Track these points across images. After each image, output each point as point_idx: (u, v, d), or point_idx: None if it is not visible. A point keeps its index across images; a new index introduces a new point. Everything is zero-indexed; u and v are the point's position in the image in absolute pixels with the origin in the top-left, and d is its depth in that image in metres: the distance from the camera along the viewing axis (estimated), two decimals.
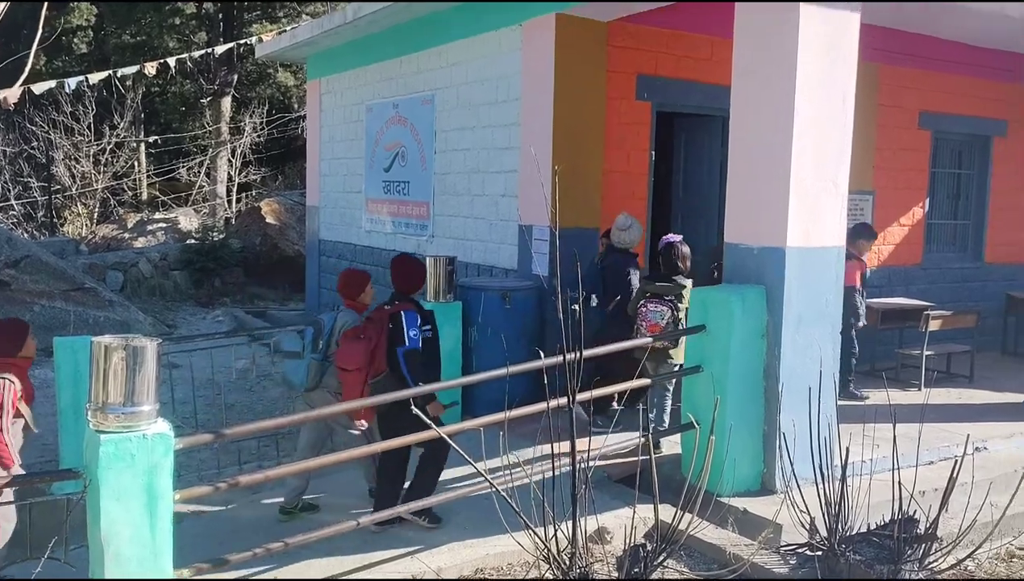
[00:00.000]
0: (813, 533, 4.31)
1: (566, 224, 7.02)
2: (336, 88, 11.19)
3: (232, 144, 21.54)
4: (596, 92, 7.22)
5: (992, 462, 5.86)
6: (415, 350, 4.71)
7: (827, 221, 5.23)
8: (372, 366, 4.79)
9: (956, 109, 9.57)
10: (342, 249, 11.12)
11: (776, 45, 5.11)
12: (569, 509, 3.78)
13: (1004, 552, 4.84)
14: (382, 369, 4.79)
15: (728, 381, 5.08)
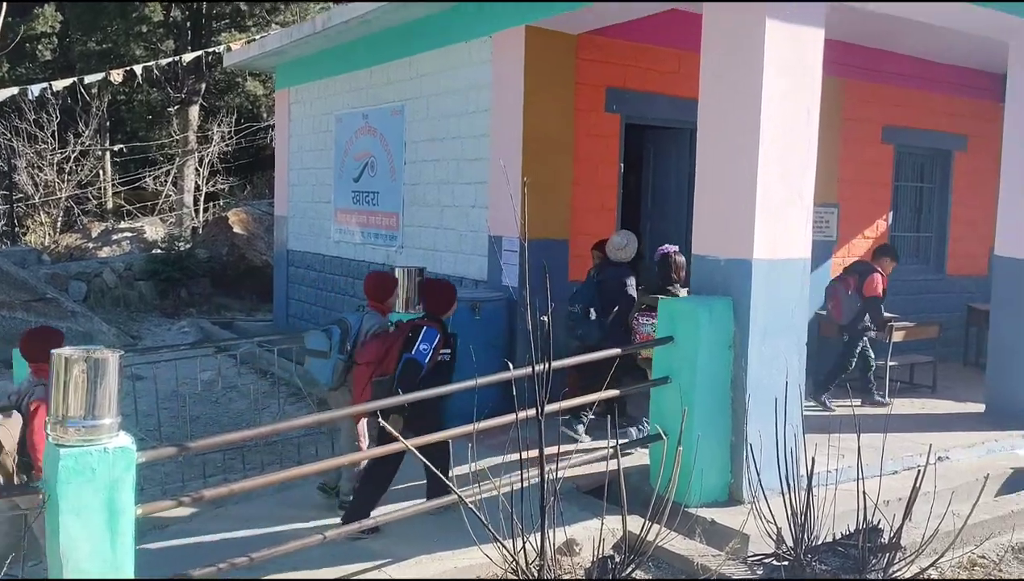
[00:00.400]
0: (780, 543, 4.34)
1: (535, 235, 7.03)
2: (305, 98, 11.14)
3: (200, 153, 21.33)
4: (565, 104, 7.26)
5: (954, 471, 5.95)
6: (415, 362, 4.82)
7: (793, 233, 5.30)
8: (380, 366, 4.98)
9: (918, 124, 9.75)
10: (311, 260, 11.05)
11: (742, 60, 5.18)
12: (538, 521, 3.78)
13: (966, 560, 4.90)
14: (389, 371, 4.95)
15: (696, 392, 5.11)
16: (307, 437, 6.86)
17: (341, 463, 4.84)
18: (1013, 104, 7.15)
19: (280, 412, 7.75)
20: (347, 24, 8.72)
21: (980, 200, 9.99)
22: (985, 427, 6.93)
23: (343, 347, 5.27)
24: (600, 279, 6.49)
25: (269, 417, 7.67)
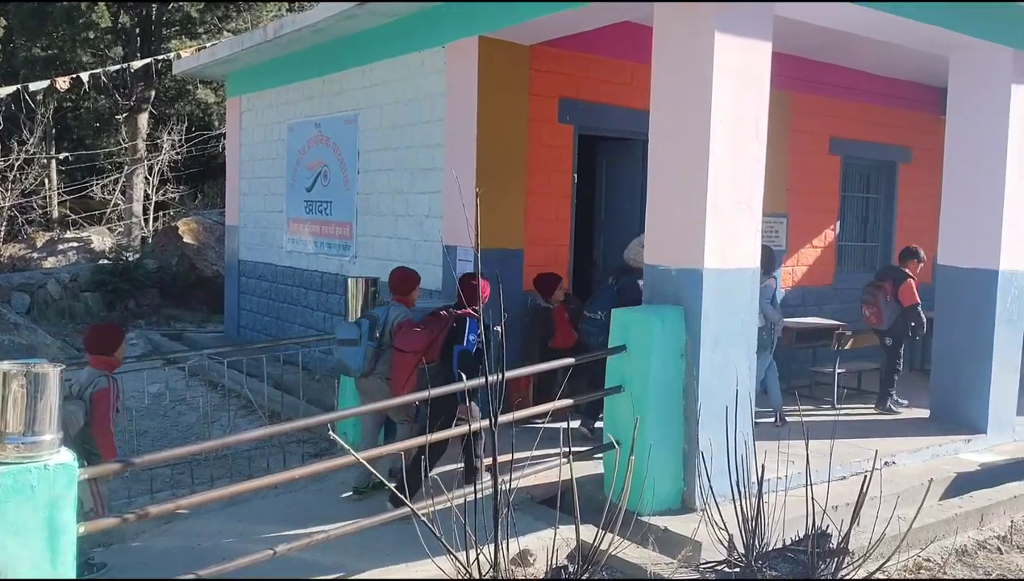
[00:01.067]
0: (731, 550, 4.38)
1: (489, 245, 7.05)
2: (257, 106, 11.01)
3: (149, 161, 20.95)
4: (519, 115, 7.28)
5: (900, 476, 6.07)
6: (468, 352, 5.35)
7: (742, 243, 5.38)
8: (427, 354, 5.44)
9: (864, 136, 9.98)
10: (262, 270, 10.91)
11: (692, 72, 5.25)
12: (492, 532, 3.76)
13: (912, 564, 5.00)
14: (434, 358, 5.42)
15: (648, 400, 5.15)
16: (258, 450, 6.77)
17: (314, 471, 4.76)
18: (953, 117, 7.35)
19: (231, 425, 7.63)
20: (299, 32, 8.65)
21: (924, 210, 10.24)
22: (930, 432, 7.09)
23: (372, 335, 5.65)
24: (619, 286, 6.57)
25: (219, 430, 7.55)
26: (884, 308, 7.87)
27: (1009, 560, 5.25)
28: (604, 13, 6.30)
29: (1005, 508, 5.91)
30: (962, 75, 7.22)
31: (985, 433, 7.06)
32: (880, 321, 7.92)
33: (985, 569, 5.09)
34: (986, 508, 5.79)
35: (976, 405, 7.12)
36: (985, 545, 5.43)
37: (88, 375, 4.73)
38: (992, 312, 7.05)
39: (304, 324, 9.86)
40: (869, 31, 6.59)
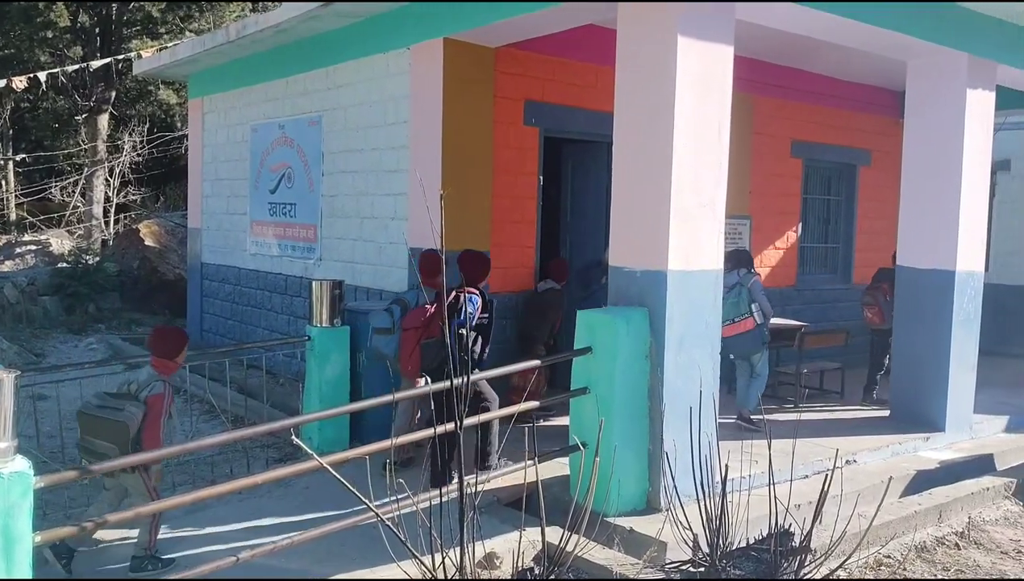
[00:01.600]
0: (696, 550, 4.41)
1: (455, 247, 7.02)
2: (219, 107, 10.89)
3: (110, 163, 20.61)
4: (484, 117, 7.28)
5: (861, 474, 6.17)
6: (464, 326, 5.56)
7: (705, 245, 5.42)
8: (427, 329, 5.70)
9: (825, 139, 10.13)
10: (226, 273, 10.79)
11: (655, 76, 5.28)
12: (458, 535, 3.75)
13: (873, 561, 5.07)
14: (435, 334, 5.66)
15: (614, 402, 5.17)
16: (221, 456, 6.69)
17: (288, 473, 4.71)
18: (911, 120, 7.49)
19: (193, 431, 7.53)
20: (261, 33, 8.56)
21: (883, 212, 10.42)
22: (890, 431, 7.21)
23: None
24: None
25: (182, 436, 7.42)
26: (884, 308, 8.15)
27: (967, 556, 5.35)
28: (568, 16, 6.32)
29: (963, 505, 6.03)
30: (919, 79, 7.35)
31: (943, 431, 7.19)
32: (882, 321, 8.21)
33: (944, 565, 5.18)
34: (944, 505, 5.89)
35: (935, 404, 7.25)
36: (944, 541, 5.53)
37: (147, 376, 4.80)
38: (950, 312, 7.19)
39: (268, 328, 9.77)
40: (829, 35, 6.69)
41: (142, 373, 4.85)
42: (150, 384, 4.74)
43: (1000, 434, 7.75)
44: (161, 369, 4.86)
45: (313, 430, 6.48)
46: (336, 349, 6.63)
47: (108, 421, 4.56)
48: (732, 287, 7.14)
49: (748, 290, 7.16)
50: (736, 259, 7.38)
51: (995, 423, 7.82)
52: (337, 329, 6.65)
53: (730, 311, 7.07)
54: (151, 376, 4.80)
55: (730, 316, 7.08)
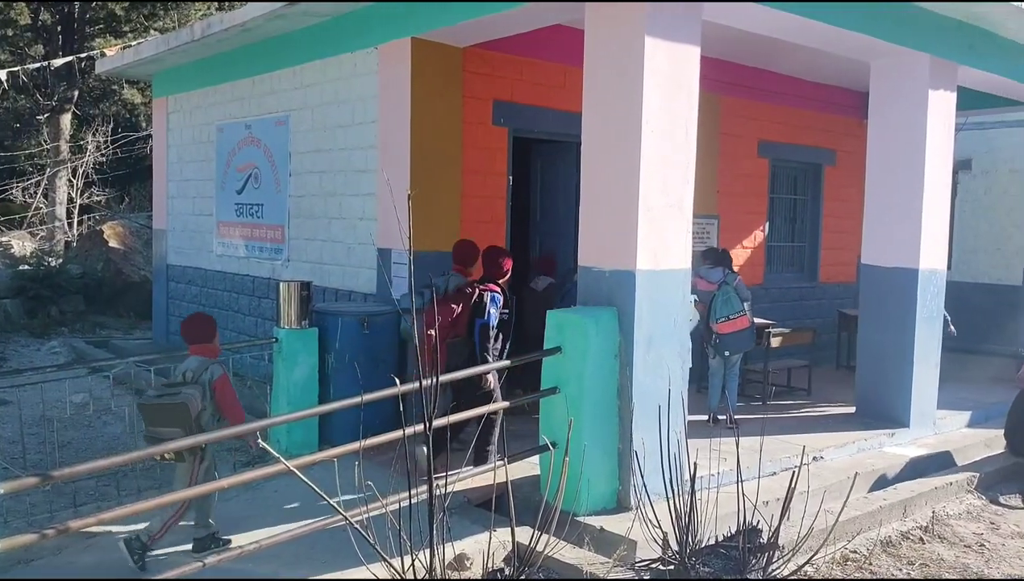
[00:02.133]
0: (666, 548, 4.44)
1: (425, 247, 7.01)
2: (184, 107, 10.76)
3: (73, 164, 20.27)
4: (453, 117, 7.26)
5: (827, 470, 6.24)
6: (488, 325, 5.78)
7: (673, 245, 5.45)
8: (453, 328, 5.82)
9: (791, 139, 10.24)
10: (192, 274, 10.66)
11: (623, 76, 5.30)
12: (428, 537, 3.73)
13: (839, 556, 5.13)
14: (461, 333, 5.84)
15: (584, 401, 5.18)
16: None
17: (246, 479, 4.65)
18: (875, 120, 7.59)
19: None
20: (227, 32, 8.47)
21: (848, 211, 10.56)
22: (856, 427, 7.30)
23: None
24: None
25: (143, 443, 7.32)
26: None
27: (931, 550, 5.43)
28: (536, 16, 6.32)
29: (927, 499, 6.12)
30: (882, 80, 7.46)
31: (908, 427, 7.29)
32: None
33: (908, 559, 5.26)
34: (909, 500, 5.98)
35: (899, 400, 7.35)
36: (908, 536, 5.61)
37: (197, 363, 4.89)
38: (913, 310, 7.29)
39: (236, 330, 9.66)
40: (794, 36, 6.76)
41: (191, 362, 4.94)
42: (207, 368, 4.84)
43: (963, 429, 7.88)
44: (207, 354, 4.99)
45: (281, 433, 6.42)
46: (304, 351, 6.57)
47: (169, 406, 4.67)
48: (719, 285, 7.20)
49: (735, 289, 7.23)
50: (716, 257, 7.46)
51: (958, 419, 7.95)
52: (305, 330, 6.60)
53: (723, 309, 7.14)
54: (202, 363, 4.89)
55: (724, 314, 7.15)
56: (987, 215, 12.82)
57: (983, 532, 5.81)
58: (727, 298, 7.17)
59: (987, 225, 12.82)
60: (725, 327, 7.15)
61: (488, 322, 5.79)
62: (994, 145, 12.62)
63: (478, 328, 5.81)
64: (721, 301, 7.15)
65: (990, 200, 12.79)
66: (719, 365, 7.35)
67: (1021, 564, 5.25)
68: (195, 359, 4.96)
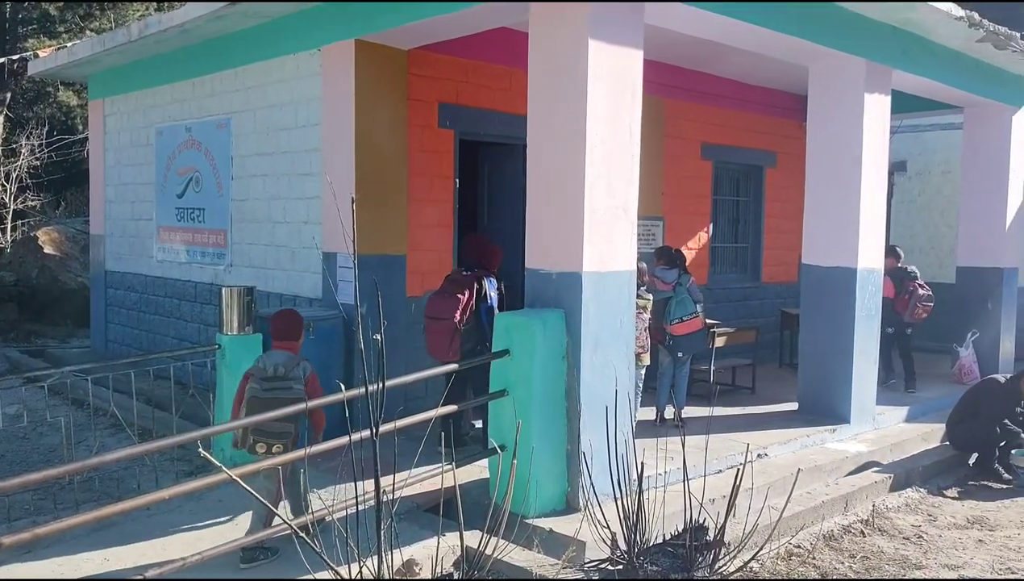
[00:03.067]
0: (614, 548, 4.46)
1: (371, 251, 6.96)
2: (122, 109, 10.50)
3: (6, 167, 19.63)
4: (398, 119, 7.22)
5: (772, 467, 6.34)
6: (493, 308, 6.21)
7: (619, 247, 5.49)
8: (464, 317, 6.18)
9: (733, 141, 10.41)
10: (131, 280, 10.41)
11: (567, 79, 5.32)
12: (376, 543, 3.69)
13: (784, 551, 5.22)
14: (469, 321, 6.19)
15: (532, 404, 5.18)
16: (128, 471, 6.44)
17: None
18: (813, 123, 7.76)
19: (97, 446, 7.23)
20: (165, 33, 8.28)
21: (790, 212, 10.77)
22: (799, 424, 7.44)
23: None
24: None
25: (85, 451, 7.14)
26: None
27: (872, 542, 5.56)
28: (480, 19, 6.31)
29: (867, 493, 6.27)
30: (820, 84, 7.62)
31: (849, 423, 7.46)
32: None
33: (850, 552, 5.37)
34: (850, 494, 6.12)
35: (840, 396, 7.51)
36: (850, 529, 5.74)
37: (286, 358, 4.99)
38: (852, 308, 7.46)
39: (178, 337, 9.46)
40: (735, 40, 6.86)
41: (278, 356, 5.02)
42: (298, 364, 4.99)
43: (901, 424, 8.09)
44: (293, 350, 5.11)
45: (226, 441, 6.28)
46: (248, 357, 6.42)
47: (284, 400, 4.76)
48: (674, 285, 7.28)
49: (688, 290, 7.30)
50: (670, 258, 7.53)
51: (896, 413, 8.17)
52: (249, 336, 6.48)
53: (678, 310, 7.21)
54: (291, 358, 4.99)
55: (679, 315, 7.22)
56: (921, 215, 13.21)
57: (921, 524, 5.97)
58: (681, 300, 7.25)
59: (922, 225, 13.20)
60: (679, 329, 7.23)
61: (492, 305, 6.22)
62: (928, 147, 13.01)
63: (484, 312, 6.19)
64: (676, 302, 7.22)
65: (924, 201, 13.18)
66: (669, 365, 7.42)
67: (957, 554, 5.41)
68: (282, 354, 5.04)
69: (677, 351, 7.30)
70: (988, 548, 5.55)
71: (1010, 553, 5.47)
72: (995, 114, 9.53)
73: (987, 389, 7.37)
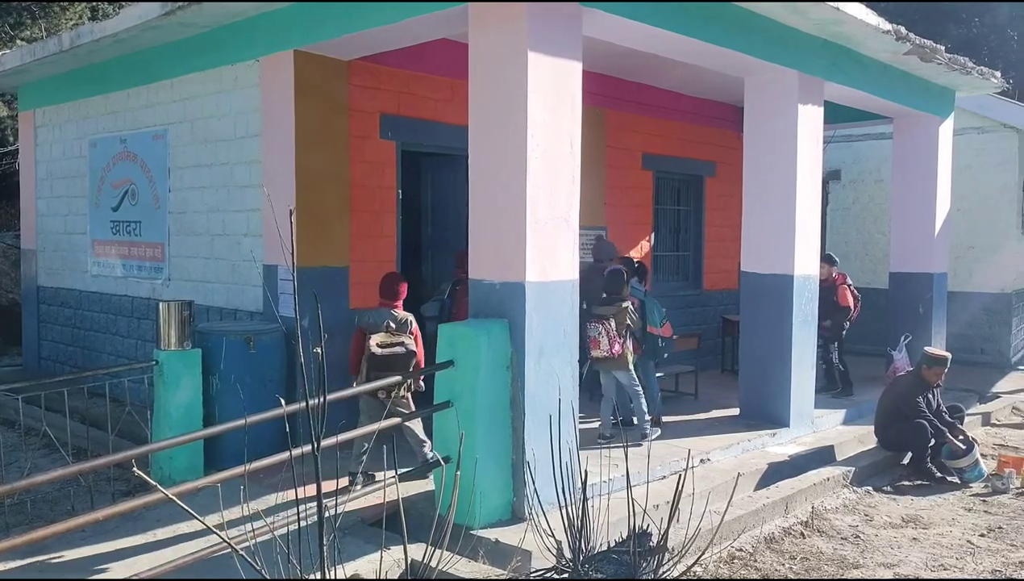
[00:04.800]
0: (560, 556, 4.47)
1: (312, 263, 6.89)
2: (54, 120, 10.23)
3: None
4: (338, 130, 7.17)
5: (714, 472, 6.44)
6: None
7: (561, 256, 5.53)
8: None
9: (673, 151, 10.57)
10: (65, 296, 10.12)
11: (507, 90, 5.36)
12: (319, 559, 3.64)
13: (726, 554, 5.30)
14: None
15: (477, 414, 5.18)
16: (62, 492, 6.26)
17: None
18: (749, 133, 7.93)
19: (30, 467, 7.00)
20: (98, 43, 8.10)
21: (729, 221, 10.95)
22: (740, 428, 7.57)
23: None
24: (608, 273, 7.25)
25: (17, 473, 6.90)
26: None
27: (811, 544, 5.68)
28: (420, 30, 6.32)
29: (806, 495, 6.40)
30: (755, 95, 7.80)
31: (788, 427, 7.61)
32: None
33: (791, 554, 5.48)
34: (790, 496, 6.24)
35: (779, 401, 7.66)
36: (790, 531, 5.85)
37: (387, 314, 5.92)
38: (790, 314, 7.63)
39: (114, 353, 9.23)
40: (672, 52, 6.98)
41: (383, 313, 5.93)
42: (405, 319, 5.92)
43: (838, 427, 8.29)
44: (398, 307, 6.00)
45: (164, 459, 6.16)
46: (187, 373, 6.34)
47: (400, 355, 5.66)
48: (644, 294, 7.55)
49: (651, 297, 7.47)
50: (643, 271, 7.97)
51: (833, 417, 8.36)
52: (187, 352, 6.36)
53: (658, 314, 7.44)
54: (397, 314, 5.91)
55: (659, 318, 7.45)
56: (856, 223, 13.58)
57: (858, 524, 6.11)
58: (653, 305, 7.47)
59: (856, 232, 13.57)
60: (666, 330, 7.54)
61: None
62: (861, 156, 13.39)
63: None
64: (653, 307, 7.43)
65: (858, 209, 13.55)
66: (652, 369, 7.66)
67: (893, 553, 5.55)
68: (387, 310, 5.92)
69: (667, 351, 7.58)
70: (922, 546, 5.71)
71: (943, 550, 5.63)
72: (923, 124, 9.85)
73: (898, 391, 7.59)
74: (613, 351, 6.80)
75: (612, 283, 7.10)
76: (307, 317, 6.74)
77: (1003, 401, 10.24)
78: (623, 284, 7.08)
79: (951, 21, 22.17)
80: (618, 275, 7.14)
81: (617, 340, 6.81)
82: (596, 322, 6.86)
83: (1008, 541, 5.82)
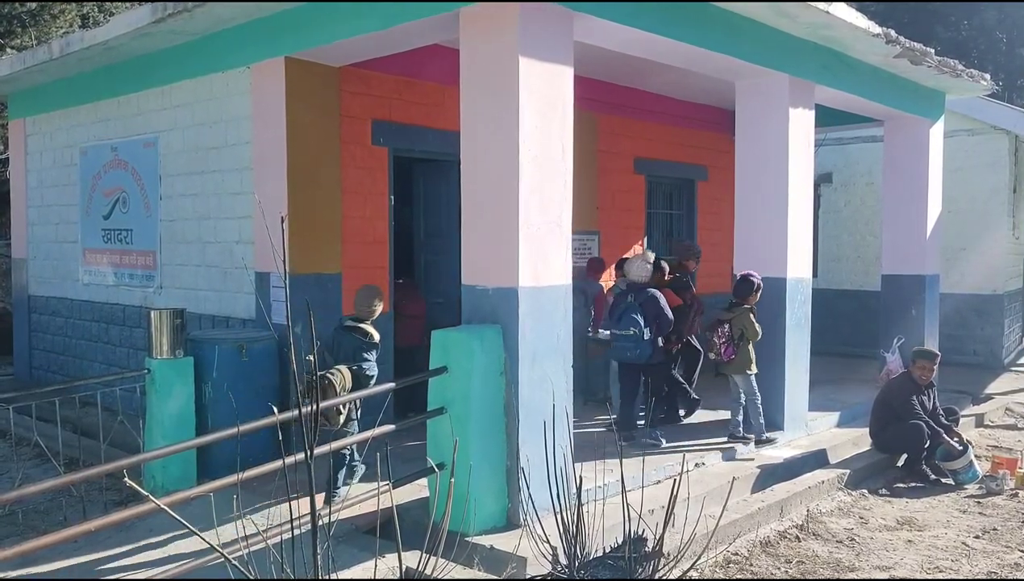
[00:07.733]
0: (555, 562, 4.45)
1: (304, 270, 6.87)
2: (44, 129, 10.19)
3: None
4: (330, 137, 7.16)
5: (709, 475, 6.43)
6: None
7: (554, 261, 5.53)
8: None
9: (665, 156, 10.58)
10: (56, 305, 10.08)
11: (499, 96, 5.35)
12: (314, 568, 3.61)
13: (722, 558, 5.29)
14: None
15: (470, 420, 5.17)
16: (54, 502, 6.21)
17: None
18: (741, 137, 7.94)
19: (21, 477, 6.96)
20: (89, 51, 8.08)
21: (721, 224, 10.98)
22: None
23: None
24: (641, 301, 7.11)
25: (8, 484, 6.87)
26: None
27: (807, 547, 5.67)
28: (412, 36, 6.31)
29: (801, 498, 6.40)
30: (746, 99, 7.81)
31: (782, 430, 7.61)
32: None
33: (786, 557, 5.47)
34: (785, 500, 6.24)
35: (773, 404, 7.65)
36: (786, 535, 5.84)
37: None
38: (783, 317, 7.63)
39: (106, 362, 9.18)
40: (663, 57, 6.99)
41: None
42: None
43: (833, 429, 8.29)
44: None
45: (157, 468, 6.13)
46: (179, 382, 6.30)
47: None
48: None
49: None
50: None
51: (827, 419, 8.37)
52: (179, 360, 6.33)
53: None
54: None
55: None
56: (848, 226, 13.61)
57: (853, 527, 6.11)
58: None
59: (848, 235, 13.60)
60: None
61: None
62: (852, 159, 13.43)
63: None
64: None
65: (850, 211, 13.59)
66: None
67: (888, 555, 5.55)
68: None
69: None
70: (917, 548, 5.71)
71: (938, 552, 5.64)
72: (913, 127, 9.88)
73: (892, 392, 7.60)
74: (725, 355, 7.18)
75: (740, 288, 7.33)
76: (299, 324, 6.71)
77: (996, 402, 10.26)
78: (751, 291, 7.29)
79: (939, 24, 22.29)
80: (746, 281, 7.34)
81: (728, 345, 7.16)
82: (718, 326, 7.24)
83: (1003, 543, 5.83)
